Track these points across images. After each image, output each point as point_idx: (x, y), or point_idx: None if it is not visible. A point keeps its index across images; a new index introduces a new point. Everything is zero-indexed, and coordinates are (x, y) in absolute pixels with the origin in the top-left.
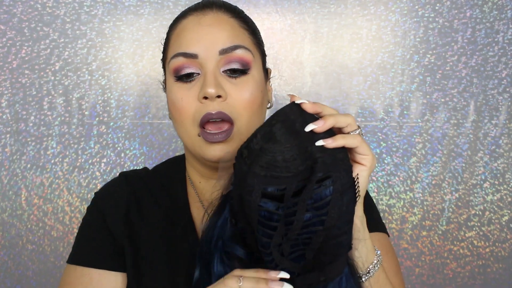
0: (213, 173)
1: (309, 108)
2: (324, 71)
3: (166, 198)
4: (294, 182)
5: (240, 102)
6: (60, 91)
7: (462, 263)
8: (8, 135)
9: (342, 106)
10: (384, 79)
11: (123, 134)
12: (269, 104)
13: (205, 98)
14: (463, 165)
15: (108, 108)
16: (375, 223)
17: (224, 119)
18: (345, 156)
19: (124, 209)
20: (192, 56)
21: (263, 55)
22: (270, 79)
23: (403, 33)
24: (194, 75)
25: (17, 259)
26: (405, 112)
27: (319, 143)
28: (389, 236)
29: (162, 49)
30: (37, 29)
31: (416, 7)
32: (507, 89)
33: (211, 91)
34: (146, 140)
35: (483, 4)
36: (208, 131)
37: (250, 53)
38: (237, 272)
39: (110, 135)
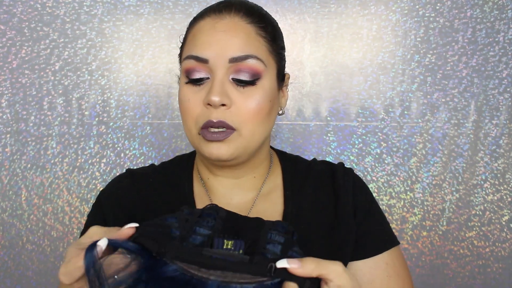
0: (218, 170)
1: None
2: (324, 71)
3: (172, 195)
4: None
5: (245, 111)
6: (60, 91)
7: (462, 263)
8: (8, 135)
9: (343, 106)
10: (384, 79)
11: (122, 134)
12: (281, 111)
13: (210, 104)
14: (464, 165)
15: (107, 108)
16: (387, 239)
17: (225, 127)
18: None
19: (128, 209)
20: (203, 60)
21: (280, 62)
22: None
23: (403, 33)
24: (204, 79)
25: (17, 259)
26: (405, 112)
27: (281, 263)
28: (399, 243)
29: (179, 46)
30: (37, 29)
31: (417, 6)
32: (508, 89)
33: (215, 99)
34: (145, 140)
35: (484, 4)
36: (207, 129)
37: (262, 63)
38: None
39: (109, 135)
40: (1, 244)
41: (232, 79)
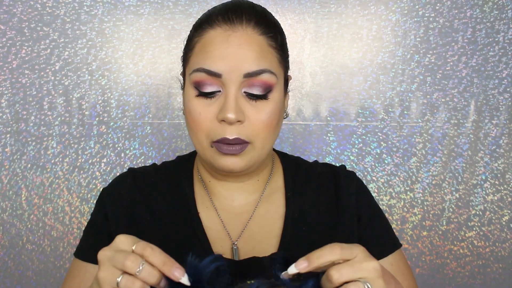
0: (222, 176)
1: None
2: (324, 71)
3: (173, 195)
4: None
5: (258, 125)
6: (60, 91)
7: (462, 263)
8: (8, 135)
9: (343, 106)
10: (384, 79)
11: (123, 134)
12: (285, 115)
13: (224, 120)
14: (464, 165)
15: (108, 108)
16: (391, 242)
17: (240, 144)
18: None
19: (129, 207)
20: (216, 75)
21: (286, 69)
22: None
23: (403, 33)
24: (215, 92)
25: (17, 259)
26: (405, 112)
27: (291, 270)
28: (401, 245)
29: (183, 47)
30: (37, 29)
31: (417, 7)
32: (508, 89)
33: (231, 116)
34: (146, 140)
35: (484, 4)
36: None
37: (274, 76)
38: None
39: (110, 135)
40: (1, 244)
41: (245, 92)
